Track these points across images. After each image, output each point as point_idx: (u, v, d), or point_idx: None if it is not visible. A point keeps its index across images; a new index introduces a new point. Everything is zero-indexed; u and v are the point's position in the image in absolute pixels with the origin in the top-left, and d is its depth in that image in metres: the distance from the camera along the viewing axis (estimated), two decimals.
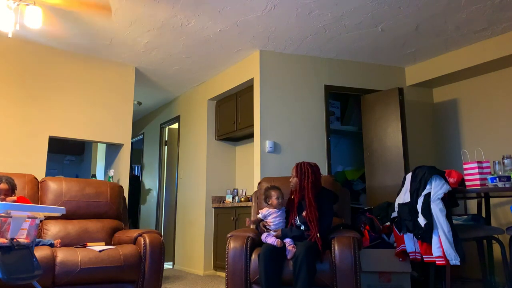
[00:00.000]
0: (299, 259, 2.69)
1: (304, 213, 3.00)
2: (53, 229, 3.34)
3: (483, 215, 3.64)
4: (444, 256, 2.85)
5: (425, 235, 2.93)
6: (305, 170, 3.08)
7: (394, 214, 3.39)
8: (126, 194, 4.64)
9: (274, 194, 3.12)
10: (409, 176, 3.23)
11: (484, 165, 3.03)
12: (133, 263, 3.06)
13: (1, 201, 2.92)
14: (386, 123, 4.45)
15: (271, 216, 3.09)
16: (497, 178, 2.88)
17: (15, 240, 2.30)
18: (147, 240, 3.17)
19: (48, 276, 2.76)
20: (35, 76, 4.42)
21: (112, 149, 5.10)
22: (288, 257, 2.82)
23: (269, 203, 3.14)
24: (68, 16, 3.83)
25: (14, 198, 3.02)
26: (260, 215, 3.15)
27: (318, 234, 2.87)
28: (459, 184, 3.27)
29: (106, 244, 3.32)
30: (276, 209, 3.10)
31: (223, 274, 4.92)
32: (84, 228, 3.44)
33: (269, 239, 2.95)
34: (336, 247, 2.80)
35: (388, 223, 3.64)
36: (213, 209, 5.29)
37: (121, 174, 4.88)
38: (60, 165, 7.28)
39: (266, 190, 3.19)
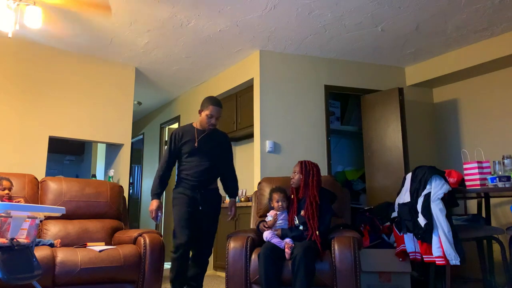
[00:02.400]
0: (297, 259, 2.69)
1: (302, 212, 3.00)
2: (53, 229, 3.34)
3: (483, 215, 3.64)
4: (444, 256, 2.85)
5: (425, 235, 2.93)
6: (310, 168, 3.09)
7: (394, 214, 3.39)
8: (126, 194, 4.64)
9: (275, 197, 3.12)
10: (409, 176, 3.23)
11: (484, 165, 3.03)
12: (133, 263, 3.06)
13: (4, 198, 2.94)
14: (386, 123, 4.45)
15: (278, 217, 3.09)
16: (497, 178, 2.88)
17: (15, 240, 2.30)
18: (147, 240, 3.17)
19: (48, 276, 2.76)
20: (35, 76, 4.42)
21: (112, 149, 5.10)
22: (287, 257, 2.82)
23: (272, 205, 3.14)
24: (68, 16, 3.83)
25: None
26: (269, 218, 3.12)
27: (317, 232, 2.87)
28: (459, 184, 3.27)
29: (106, 244, 3.32)
30: (280, 211, 3.10)
31: (223, 274, 4.92)
32: (84, 228, 3.44)
33: (275, 239, 2.94)
34: (336, 247, 2.80)
35: (388, 223, 3.64)
36: None
37: (121, 174, 4.88)
38: (60, 165, 7.27)
39: (270, 192, 3.20)
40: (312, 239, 2.87)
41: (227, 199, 5.09)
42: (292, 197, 3.15)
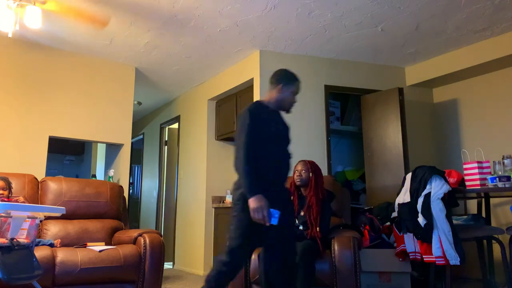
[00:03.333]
0: (297, 259, 2.69)
1: (302, 212, 3.00)
2: (53, 229, 3.35)
3: (483, 215, 3.64)
4: (444, 256, 2.85)
5: (425, 235, 2.93)
6: (317, 168, 3.11)
7: (394, 214, 3.39)
8: (126, 194, 4.64)
9: None
10: (409, 176, 3.23)
11: (484, 165, 3.03)
12: (133, 263, 3.06)
13: None
14: (386, 123, 4.45)
15: None
16: (497, 178, 2.88)
17: (15, 240, 2.30)
18: (147, 240, 3.17)
19: (48, 276, 2.76)
20: (35, 76, 4.42)
21: (112, 149, 5.10)
22: None
23: None
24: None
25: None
26: None
27: (318, 228, 2.87)
28: (459, 184, 3.28)
29: (106, 244, 3.33)
30: None
31: None
32: (84, 228, 3.44)
33: None
34: (336, 247, 2.81)
35: (388, 223, 3.64)
36: (213, 209, 5.29)
37: (121, 174, 4.88)
38: (60, 165, 7.27)
39: None
40: (312, 235, 2.87)
41: (227, 199, 5.15)
42: (291, 197, 3.15)
